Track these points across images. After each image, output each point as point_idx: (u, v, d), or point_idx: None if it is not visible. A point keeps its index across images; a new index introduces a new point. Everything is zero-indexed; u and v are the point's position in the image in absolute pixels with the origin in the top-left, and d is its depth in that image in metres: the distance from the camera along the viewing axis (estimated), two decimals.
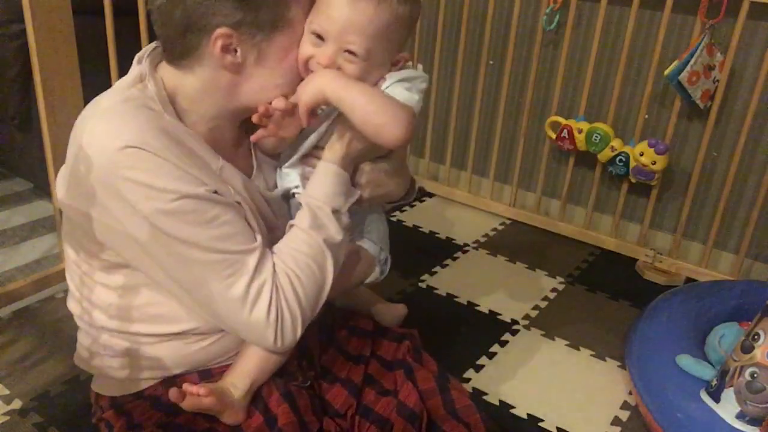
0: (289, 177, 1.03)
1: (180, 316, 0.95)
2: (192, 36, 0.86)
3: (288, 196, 1.04)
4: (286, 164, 1.03)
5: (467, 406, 1.04)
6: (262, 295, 0.88)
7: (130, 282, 0.94)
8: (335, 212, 0.95)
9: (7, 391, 1.32)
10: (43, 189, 2.10)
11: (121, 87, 0.90)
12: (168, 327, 0.96)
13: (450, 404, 1.03)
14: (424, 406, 1.01)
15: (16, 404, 1.29)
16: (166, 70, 0.91)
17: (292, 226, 0.96)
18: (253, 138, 0.95)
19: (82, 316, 1.01)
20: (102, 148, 0.83)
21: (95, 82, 1.59)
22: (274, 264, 0.91)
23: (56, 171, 1.52)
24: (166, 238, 0.85)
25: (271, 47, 0.89)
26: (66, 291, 1.61)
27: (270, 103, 0.91)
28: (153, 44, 0.94)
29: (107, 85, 1.61)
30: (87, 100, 1.50)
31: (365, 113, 0.89)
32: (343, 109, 0.90)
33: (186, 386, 0.89)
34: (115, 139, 0.82)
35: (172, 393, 0.87)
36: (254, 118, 0.91)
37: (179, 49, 0.88)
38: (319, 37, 0.90)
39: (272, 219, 1.00)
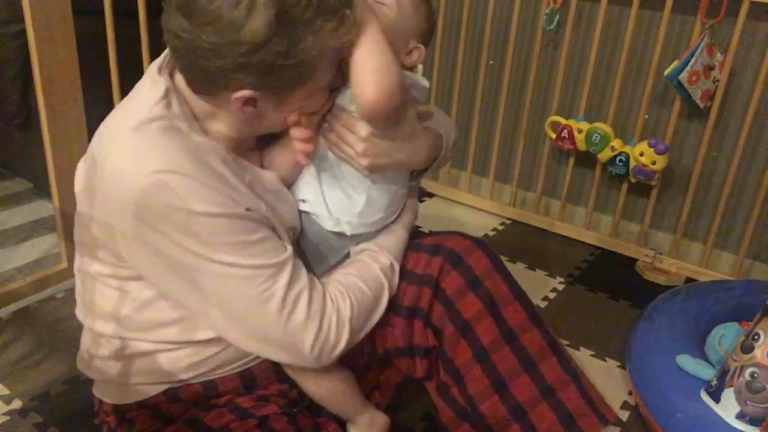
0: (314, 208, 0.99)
1: (186, 325, 0.94)
2: (212, 86, 0.84)
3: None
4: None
5: None
6: (299, 303, 0.87)
7: (137, 293, 0.93)
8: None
9: (7, 391, 1.32)
10: (43, 189, 2.10)
11: (146, 104, 0.86)
12: (171, 335, 0.95)
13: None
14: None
15: (16, 404, 1.29)
16: (184, 83, 0.88)
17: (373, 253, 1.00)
18: (301, 161, 0.94)
19: (86, 319, 1.00)
20: (134, 173, 0.81)
21: (95, 82, 1.60)
22: (324, 282, 0.94)
23: (56, 171, 1.53)
24: (200, 260, 0.83)
25: (292, 97, 0.87)
26: (66, 291, 1.63)
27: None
28: (168, 51, 0.90)
29: (107, 85, 1.63)
30: (87, 101, 1.53)
31: (367, 54, 0.86)
32: (357, 42, 0.86)
33: None
34: (147, 164, 0.80)
35: None
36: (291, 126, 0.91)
37: (199, 88, 0.86)
38: None
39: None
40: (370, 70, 0.85)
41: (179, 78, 0.88)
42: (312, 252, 1.00)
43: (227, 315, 0.88)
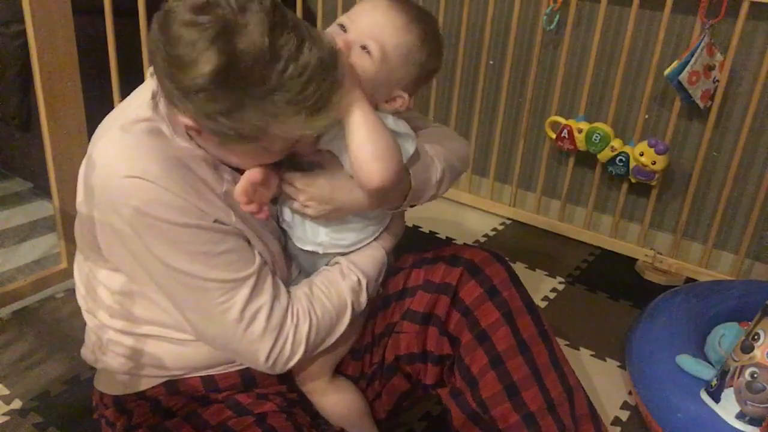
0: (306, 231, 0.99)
1: (179, 319, 0.95)
2: (166, 98, 0.83)
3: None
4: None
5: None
6: (257, 317, 0.89)
7: (131, 285, 0.94)
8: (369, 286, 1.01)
9: (7, 391, 1.32)
10: (43, 189, 2.10)
11: (135, 105, 0.89)
12: (166, 330, 0.96)
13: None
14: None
15: (16, 404, 1.29)
16: None
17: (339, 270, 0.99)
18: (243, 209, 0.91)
19: (88, 311, 1.02)
20: (108, 173, 0.84)
21: (95, 82, 1.60)
22: (292, 294, 0.94)
23: (56, 171, 1.53)
24: (162, 264, 0.86)
25: (235, 148, 0.86)
26: (66, 291, 1.63)
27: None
28: None
29: (107, 85, 1.63)
30: (87, 101, 1.53)
31: (367, 140, 0.87)
32: (351, 124, 0.87)
33: None
34: (120, 166, 0.82)
35: None
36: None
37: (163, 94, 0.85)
38: (343, 28, 0.91)
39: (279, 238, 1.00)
40: (373, 157, 0.87)
41: None
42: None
43: (188, 317, 0.91)
